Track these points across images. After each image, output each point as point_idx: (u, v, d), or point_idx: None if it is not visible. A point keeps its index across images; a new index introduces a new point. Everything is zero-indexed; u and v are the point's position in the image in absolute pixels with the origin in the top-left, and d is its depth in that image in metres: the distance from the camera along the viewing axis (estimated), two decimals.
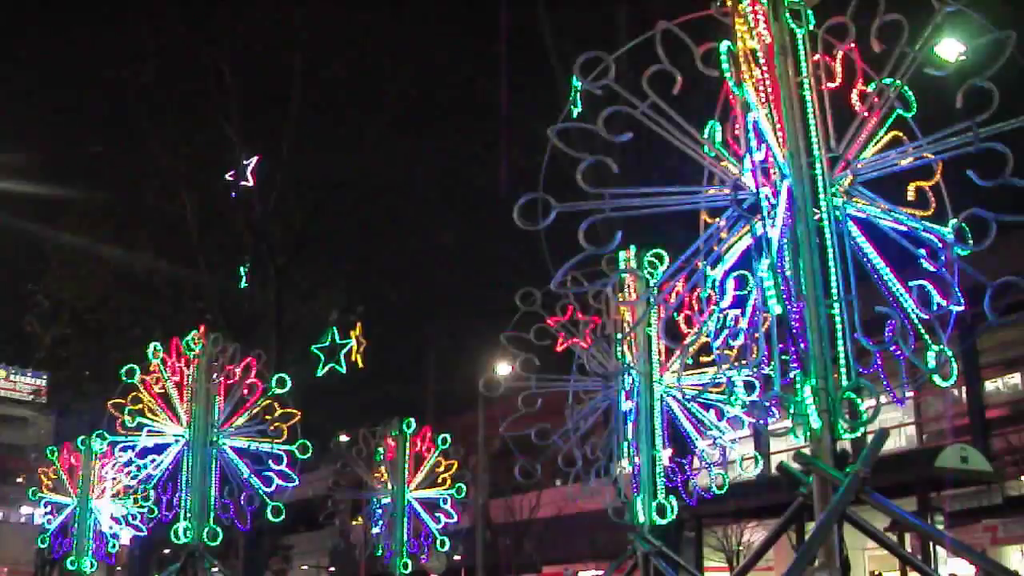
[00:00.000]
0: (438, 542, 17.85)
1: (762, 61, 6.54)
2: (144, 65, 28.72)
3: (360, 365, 25.49)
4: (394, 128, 29.30)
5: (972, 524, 20.40)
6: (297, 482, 14.80)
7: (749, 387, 6.60)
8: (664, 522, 10.45)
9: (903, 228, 6.61)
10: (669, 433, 10.82)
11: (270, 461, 14.39)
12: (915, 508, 20.15)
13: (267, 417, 14.29)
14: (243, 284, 28.61)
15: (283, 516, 15.09)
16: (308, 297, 30.85)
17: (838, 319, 6.11)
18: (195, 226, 29.43)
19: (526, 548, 33.62)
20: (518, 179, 23.68)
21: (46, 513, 20.72)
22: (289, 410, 14.40)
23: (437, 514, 17.90)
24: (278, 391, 14.33)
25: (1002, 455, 22.36)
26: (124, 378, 14.54)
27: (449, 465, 18.11)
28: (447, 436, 18.15)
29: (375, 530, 18.00)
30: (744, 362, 6.56)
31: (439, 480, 17.98)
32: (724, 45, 6.51)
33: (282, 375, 14.64)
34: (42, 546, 21.43)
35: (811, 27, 6.68)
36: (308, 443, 14.50)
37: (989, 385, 23.97)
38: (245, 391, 14.37)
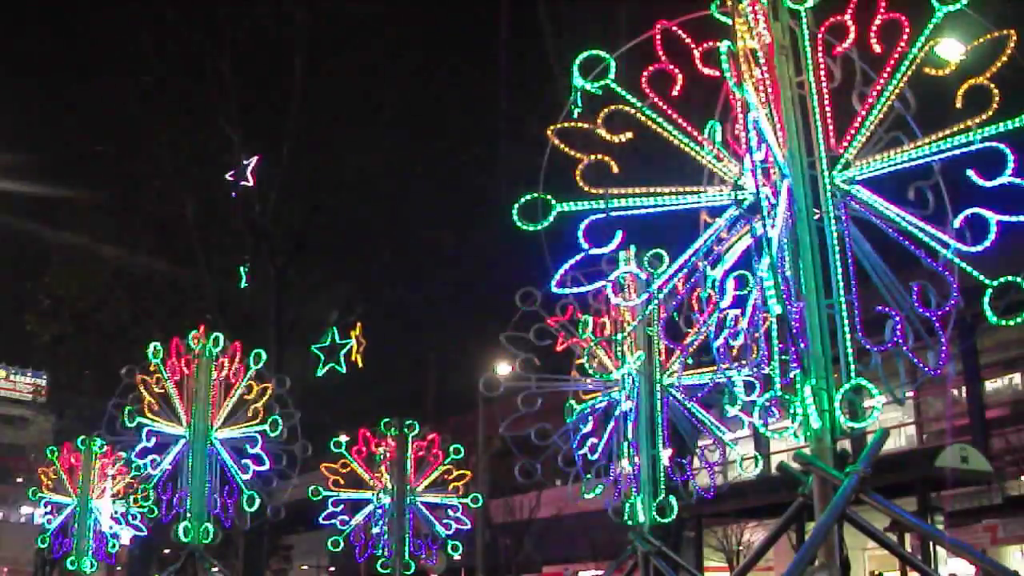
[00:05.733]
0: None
1: (762, 61, 6.54)
2: (144, 65, 28.73)
3: (360, 365, 25.50)
4: (394, 128, 29.29)
5: (972, 524, 20.40)
6: (297, 482, 14.79)
7: (749, 387, 6.60)
8: (664, 522, 10.46)
9: (903, 228, 6.61)
10: (669, 433, 10.82)
11: (269, 461, 14.38)
12: (915, 508, 20.14)
13: (267, 417, 14.28)
14: (243, 284, 28.59)
15: (283, 516, 15.09)
16: (308, 297, 30.82)
17: (838, 319, 6.11)
18: (195, 226, 29.41)
19: (526, 548, 33.62)
20: (518, 179, 23.68)
21: (46, 513, 20.72)
22: (289, 410, 14.41)
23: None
24: (278, 391, 14.34)
25: (1002, 455, 22.37)
26: (124, 378, 14.53)
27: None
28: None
29: (375, 530, 18.00)
30: (744, 362, 6.57)
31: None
32: (724, 45, 6.51)
33: (282, 375, 14.64)
34: (42, 546, 21.45)
35: (811, 27, 6.68)
36: (308, 443, 14.50)
37: (989, 385, 23.98)
38: (245, 391, 14.37)
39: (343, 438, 18.74)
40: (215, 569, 13.95)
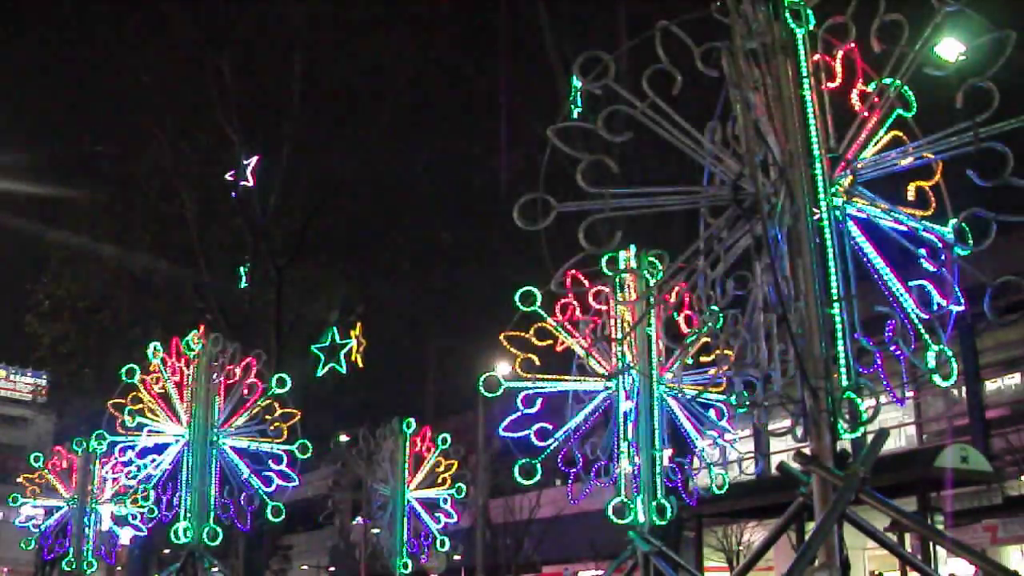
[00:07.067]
0: (438, 542, 17.86)
1: (762, 61, 6.54)
2: (144, 64, 28.73)
3: (360, 365, 25.50)
4: (394, 128, 29.31)
5: (972, 524, 20.40)
6: (297, 482, 14.80)
7: (749, 387, 6.59)
8: (664, 522, 10.45)
9: (903, 228, 6.61)
10: (669, 433, 10.82)
11: (270, 461, 14.39)
12: (915, 508, 20.15)
13: (267, 417, 14.29)
14: (243, 284, 28.59)
15: (283, 516, 15.09)
16: (308, 297, 30.82)
17: (838, 319, 6.11)
18: (195, 226, 29.42)
19: (526, 548, 33.63)
20: (518, 179, 23.69)
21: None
22: (289, 410, 14.41)
23: (437, 514, 17.92)
24: (278, 391, 14.34)
25: (1002, 455, 22.37)
26: (124, 378, 14.54)
27: (449, 465, 18.12)
28: (447, 436, 18.16)
29: (375, 530, 18.00)
30: (744, 362, 6.56)
31: (439, 480, 17.99)
32: (724, 45, 6.51)
33: (282, 375, 14.64)
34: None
35: (811, 27, 6.68)
36: (308, 443, 14.51)
37: (989, 385, 23.98)
38: (245, 391, 14.37)
39: (343, 438, 18.79)
40: (215, 569, 13.94)
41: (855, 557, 7.57)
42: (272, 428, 14.25)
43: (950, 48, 6.60)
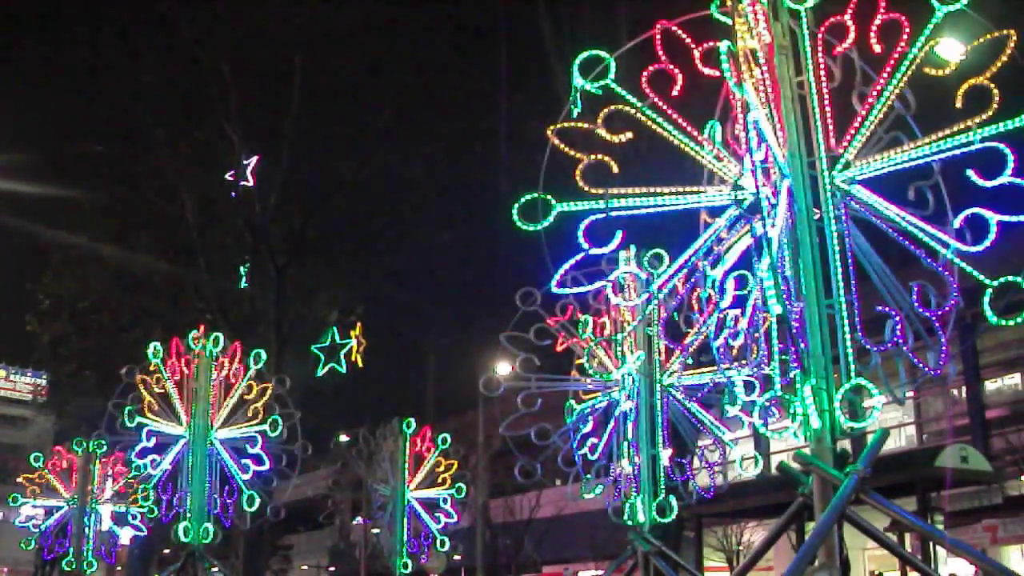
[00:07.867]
0: (438, 542, 17.87)
1: (762, 61, 6.54)
2: (144, 65, 28.74)
3: (360, 365, 25.52)
4: (394, 128, 29.31)
5: (972, 524, 20.40)
6: (297, 481, 14.78)
7: (749, 387, 6.60)
8: (664, 522, 10.46)
9: (903, 228, 6.61)
10: (669, 433, 10.82)
11: (269, 461, 14.38)
12: (915, 508, 20.15)
13: (267, 417, 14.28)
14: (243, 284, 28.58)
15: (283, 516, 15.10)
16: (308, 297, 30.83)
17: (838, 319, 6.11)
18: (195, 226, 29.42)
19: (526, 548, 33.63)
20: (518, 179, 23.68)
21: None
22: (289, 410, 14.41)
23: (437, 514, 17.93)
24: (278, 391, 14.34)
25: (1002, 455, 22.38)
26: (124, 378, 14.54)
27: (449, 465, 18.14)
28: (447, 436, 18.18)
29: (375, 530, 18.01)
30: (744, 362, 6.57)
31: (439, 480, 18.00)
32: (724, 45, 6.51)
33: (282, 375, 14.64)
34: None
35: (811, 27, 6.68)
36: (308, 443, 14.51)
37: (989, 385, 23.99)
38: (245, 391, 14.38)
39: (343, 438, 18.83)
40: (215, 569, 13.95)
41: (855, 557, 7.58)
42: (272, 428, 14.24)
43: (950, 48, 6.60)
